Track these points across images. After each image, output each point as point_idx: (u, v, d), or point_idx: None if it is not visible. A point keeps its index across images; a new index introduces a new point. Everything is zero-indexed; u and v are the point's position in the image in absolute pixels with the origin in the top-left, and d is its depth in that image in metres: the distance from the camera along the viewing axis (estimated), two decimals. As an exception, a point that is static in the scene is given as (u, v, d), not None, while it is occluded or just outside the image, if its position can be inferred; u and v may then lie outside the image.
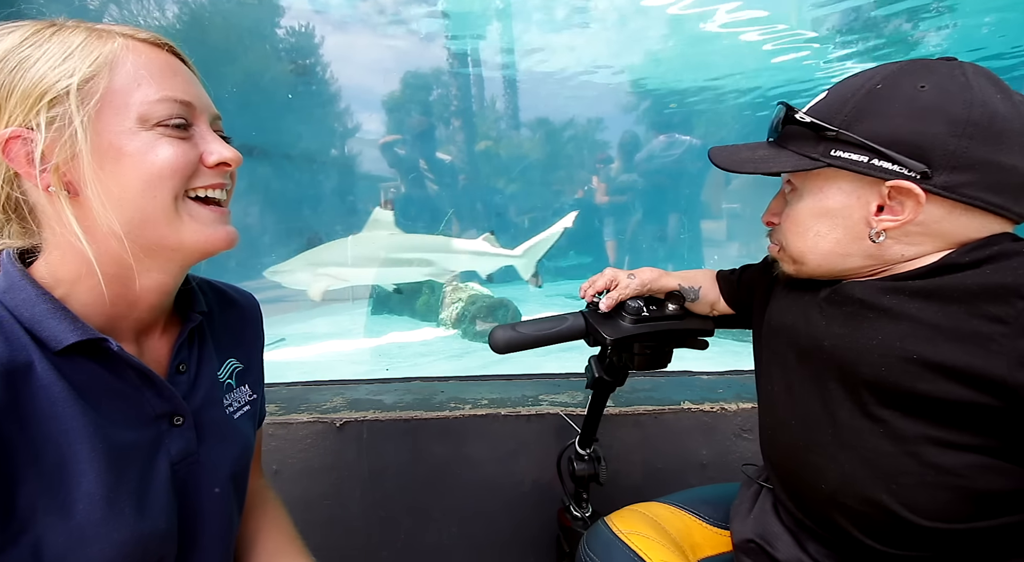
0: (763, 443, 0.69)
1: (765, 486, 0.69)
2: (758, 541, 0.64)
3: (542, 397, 1.42)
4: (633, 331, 0.75)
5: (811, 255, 0.58)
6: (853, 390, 0.54)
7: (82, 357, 0.45)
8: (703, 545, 0.72)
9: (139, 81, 0.45)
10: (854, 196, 0.54)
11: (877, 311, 0.52)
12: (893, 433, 0.50)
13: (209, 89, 0.53)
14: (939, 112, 0.49)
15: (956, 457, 0.48)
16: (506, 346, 0.75)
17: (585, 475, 1.01)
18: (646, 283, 0.79)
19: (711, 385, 1.50)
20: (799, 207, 0.58)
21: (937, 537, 0.50)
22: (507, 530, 1.36)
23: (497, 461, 1.34)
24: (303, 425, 1.31)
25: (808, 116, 0.55)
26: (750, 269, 0.81)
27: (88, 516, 0.42)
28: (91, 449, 0.43)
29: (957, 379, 0.46)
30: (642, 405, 1.34)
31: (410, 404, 1.38)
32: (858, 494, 0.53)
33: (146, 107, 0.45)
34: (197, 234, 0.48)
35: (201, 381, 0.56)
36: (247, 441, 0.60)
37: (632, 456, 1.34)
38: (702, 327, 0.81)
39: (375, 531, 1.35)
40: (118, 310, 0.49)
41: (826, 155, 0.54)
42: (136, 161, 0.44)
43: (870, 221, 0.53)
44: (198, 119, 0.49)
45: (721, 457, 1.34)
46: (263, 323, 0.70)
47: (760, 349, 0.71)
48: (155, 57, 0.47)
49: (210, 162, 0.48)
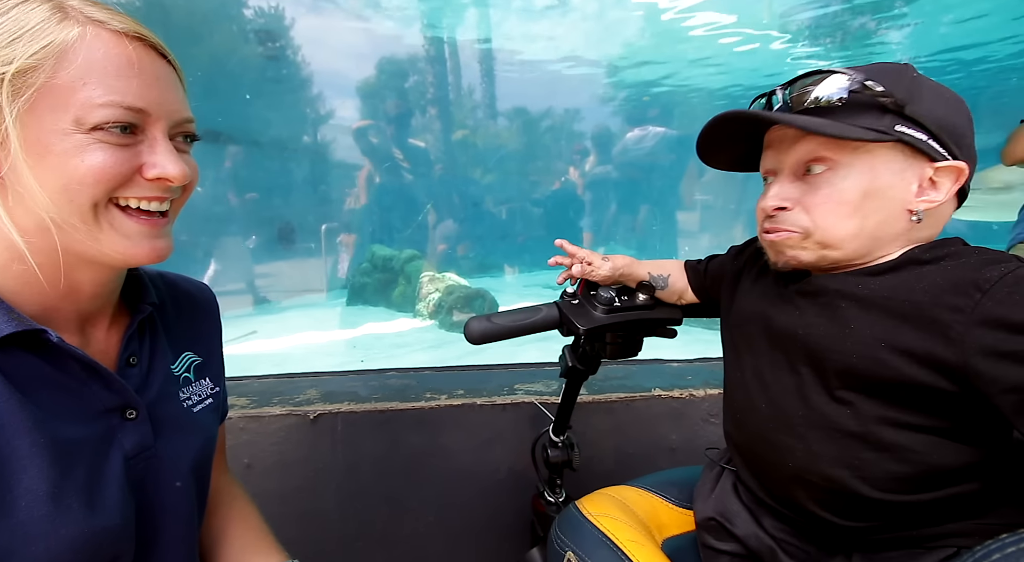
0: (729, 426, 0.71)
1: (727, 468, 0.73)
2: (718, 519, 0.67)
3: (517, 386, 1.43)
4: (605, 321, 0.77)
5: (850, 238, 0.56)
6: (824, 375, 0.57)
7: (19, 349, 0.43)
8: (669, 525, 0.75)
9: (86, 80, 0.41)
10: (900, 176, 0.54)
11: (850, 301, 0.55)
12: (858, 414, 0.54)
13: (188, 89, 0.49)
14: (960, 107, 0.55)
15: (912, 436, 0.52)
16: (481, 337, 0.76)
17: (559, 461, 1.04)
18: (618, 268, 0.80)
19: (681, 372, 1.54)
20: (844, 186, 0.54)
21: (888, 508, 0.54)
22: (483, 517, 1.38)
23: (473, 450, 1.36)
24: (276, 418, 1.30)
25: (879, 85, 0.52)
26: (716, 259, 0.83)
27: (31, 513, 0.40)
28: (31, 444, 0.41)
29: (919, 363, 0.50)
30: (614, 392, 1.38)
31: (385, 395, 1.38)
32: (821, 471, 0.56)
33: (85, 110, 0.41)
34: (116, 246, 0.45)
35: (155, 374, 0.54)
36: (209, 435, 0.59)
37: (604, 442, 1.37)
38: (671, 316, 0.83)
39: (351, 523, 1.35)
40: (55, 301, 0.46)
41: (892, 129, 0.52)
42: (59, 163, 0.41)
43: (910, 202, 0.54)
44: (152, 126, 0.45)
45: (689, 441, 1.39)
46: (220, 315, 0.67)
47: (729, 336, 0.73)
48: (118, 53, 0.42)
49: (149, 175, 0.45)
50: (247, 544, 0.65)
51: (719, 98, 9.28)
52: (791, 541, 0.62)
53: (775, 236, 0.61)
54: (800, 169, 0.58)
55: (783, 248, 0.60)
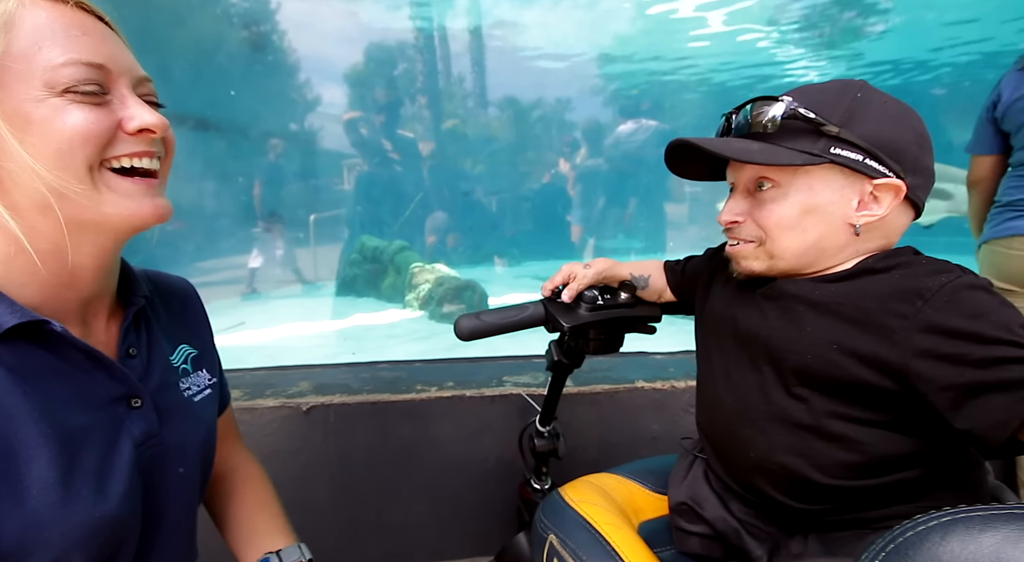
0: (700, 418, 0.76)
1: (699, 456, 0.78)
2: (690, 503, 0.72)
3: (505, 378, 1.48)
4: (589, 319, 0.81)
5: (793, 250, 0.60)
6: (782, 373, 0.61)
7: (23, 342, 0.44)
8: (645, 509, 0.80)
9: (40, 44, 0.41)
10: (839, 193, 0.58)
11: (807, 305, 0.60)
12: (811, 409, 0.58)
13: (136, 51, 0.49)
14: (906, 123, 0.57)
15: (859, 428, 0.56)
16: (470, 334, 0.80)
17: (545, 451, 1.07)
18: (601, 272, 0.84)
19: (663, 364, 1.60)
20: (786, 204, 0.59)
21: (839, 493, 0.59)
22: (472, 505, 1.43)
23: (462, 440, 1.40)
24: (269, 410, 1.32)
25: (811, 112, 0.56)
26: (693, 261, 0.87)
27: (42, 500, 0.42)
28: (39, 434, 0.42)
29: (866, 364, 0.54)
30: (599, 384, 1.42)
31: (376, 387, 1.41)
32: (779, 460, 0.61)
33: (50, 73, 0.41)
34: (118, 207, 0.45)
35: (154, 365, 0.56)
36: (210, 424, 0.61)
37: (589, 432, 1.42)
38: (651, 314, 0.87)
39: (344, 511, 1.39)
40: (57, 290, 0.47)
41: (826, 152, 0.56)
42: (44, 129, 0.41)
43: (850, 217, 0.58)
44: (115, 83, 0.45)
45: (670, 431, 1.45)
46: (204, 307, 0.69)
47: (701, 335, 0.78)
48: (59, 15, 0.43)
49: (130, 128, 0.45)
50: (258, 524, 0.68)
51: (715, 91, 9.32)
52: (755, 523, 0.67)
53: (731, 248, 0.67)
54: (752, 186, 0.63)
55: (739, 258, 0.66)
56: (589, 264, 0.84)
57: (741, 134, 0.62)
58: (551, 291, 0.85)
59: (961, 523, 0.31)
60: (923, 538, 0.31)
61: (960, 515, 0.31)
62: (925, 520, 0.32)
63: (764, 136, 0.60)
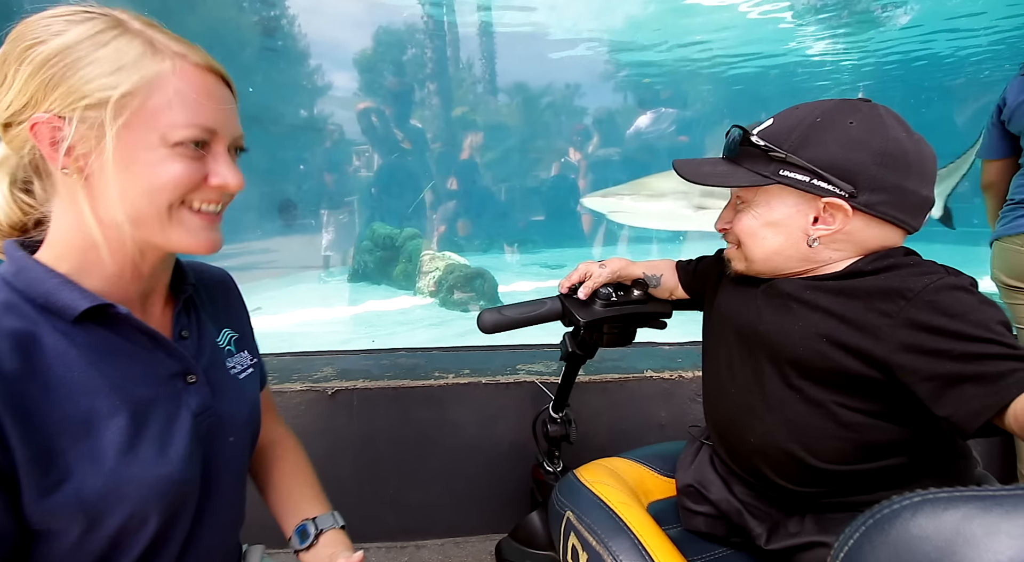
0: (706, 407, 0.82)
1: (705, 443, 0.84)
2: (696, 486, 0.78)
3: (519, 366, 1.54)
4: (603, 314, 0.86)
5: (758, 256, 0.68)
6: (779, 365, 0.66)
7: (93, 324, 0.50)
8: (653, 491, 0.86)
9: (173, 105, 0.48)
10: (795, 209, 0.64)
11: (800, 303, 0.65)
12: (807, 398, 0.64)
13: (247, 102, 0.56)
14: (865, 145, 0.60)
15: (851, 416, 0.61)
16: (493, 327, 0.86)
17: (557, 436, 1.13)
18: (616, 271, 0.89)
19: (671, 355, 1.65)
20: (749, 217, 0.68)
21: (832, 477, 0.64)
22: (487, 485, 1.50)
23: (478, 425, 1.47)
24: (297, 393, 1.40)
25: (762, 140, 0.64)
26: (704, 261, 0.92)
27: (117, 460, 0.48)
28: (111, 405, 0.49)
29: (854, 356, 0.59)
30: (609, 373, 1.48)
31: (397, 373, 1.48)
32: (777, 446, 0.67)
33: (171, 130, 0.48)
34: (183, 239, 0.52)
35: (204, 346, 0.62)
36: (254, 399, 0.68)
37: (599, 418, 1.49)
38: (662, 310, 0.92)
39: (366, 489, 1.47)
40: (121, 282, 0.53)
41: (775, 174, 0.63)
42: (144, 170, 0.48)
43: (807, 230, 0.64)
44: (217, 142, 0.52)
45: (678, 419, 1.50)
46: (241, 295, 0.76)
47: (708, 330, 0.83)
48: (198, 82, 0.50)
49: (213, 183, 0.52)
50: (296, 492, 0.75)
51: (726, 78, 9.17)
52: (756, 505, 0.73)
53: (727, 249, 0.75)
54: (735, 200, 0.72)
55: (728, 258, 0.75)
56: (604, 263, 0.89)
57: (726, 154, 0.71)
58: (568, 288, 0.90)
59: (929, 503, 0.36)
60: (897, 515, 0.37)
61: (929, 496, 0.36)
62: (899, 500, 0.38)
63: (733, 158, 0.69)
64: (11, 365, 0.45)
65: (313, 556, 0.69)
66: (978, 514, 0.34)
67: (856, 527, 0.39)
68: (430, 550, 1.50)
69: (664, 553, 0.65)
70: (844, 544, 0.39)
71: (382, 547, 1.50)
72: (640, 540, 0.67)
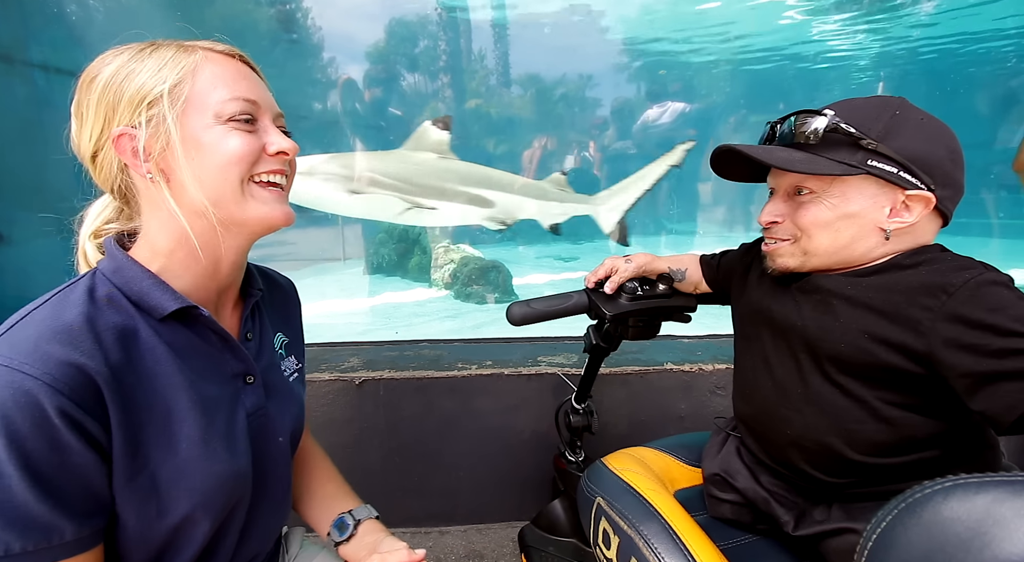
0: (737, 400, 0.83)
1: (732, 434, 0.86)
2: (722, 475, 0.80)
3: (541, 358, 1.57)
4: (629, 308, 0.88)
5: (826, 247, 0.66)
6: (819, 360, 0.67)
7: (177, 323, 0.54)
8: (679, 479, 0.89)
9: (215, 85, 0.53)
10: (872, 201, 0.63)
11: (841, 299, 0.65)
12: (848, 393, 0.64)
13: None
14: (939, 140, 0.62)
15: (892, 410, 0.62)
16: (522, 319, 0.88)
17: (580, 426, 1.16)
18: (641, 266, 0.91)
19: (691, 348, 1.67)
20: (822, 208, 0.65)
21: (867, 469, 0.65)
22: (509, 474, 1.54)
23: (500, 414, 1.51)
24: (325, 383, 1.45)
25: (852, 128, 0.62)
26: (728, 255, 0.93)
27: (189, 453, 0.52)
28: (188, 400, 0.53)
29: (895, 351, 0.60)
30: (630, 366, 1.50)
31: (421, 364, 1.52)
32: (815, 438, 0.68)
33: (220, 106, 0.53)
34: (259, 211, 0.56)
35: (264, 348, 0.66)
36: (301, 401, 0.71)
37: (620, 410, 1.51)
38: (687, 304, 0.94)
39: (392, 475, 1.52)
40: (203, 280, 0.58)
41: (863, 164, 0.61)
42: (212, 150, 0.52)
43: (882, 222, 0.63)
44: (263, 116, 0.57)
45: (697, 411, 1.52)
46: (301, 303, 0.80)
47: (740, 325, 0.84)
48: (228, 65, 0.55)
49: (271, 151, 0.56)
50: (331, 493, 0.79)
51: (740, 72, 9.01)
52: (783, 493, 0.75)
53: (767, 246, 0.73)
54: (791, 191, 0.69)
55: (774, 256, 0.72)
56: (629, 258, 0.91)
57: (784, 143, 0.68)
58: (594, 282, 0.92)
59: (960, 487, 0.38)
60: (928, 499, 0.39)
61: (960, 481, 0.38)
62: (931, 485, 0.40)
63: (806, 146, 0.65)
64: (115, 356, 0.49)
65: (355, 546, 0.73)
66: (1008, 497, 0.36)
67: (889, 511, 0.41)
68: (453, 536, 1.55)
69: (694, 537, 0.68)
70: (877, 527, 0.41)
71: (407, 532, 1.55)
72: (671, 525, 0.69)
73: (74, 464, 0.45)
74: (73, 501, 0.46)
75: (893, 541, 0.39)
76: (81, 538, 0.46)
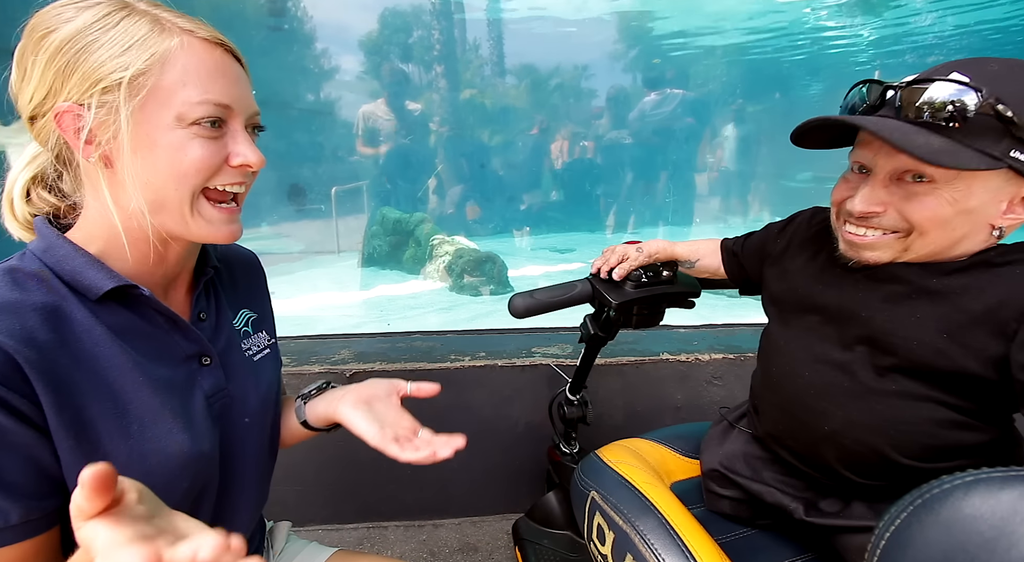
0: (764, 386, 0.77)
1: (739, 427, 0.83)
2: (722, 469, 0.78)
3: (534, 349, 1.54)
4: (634, 295, 0.85)
5: (937, 245, 0.58)
6: (878, 355, 0.61)
7: (116, 304, 0.51)
8: (675, 471, 0.86)
9: (185, 81, 0.47)
10: (993, 195, 0.54)
11: (923, 293, 0.59)
12: (904, 393, 0.59)
13: (254, 85, 0.55)
14: None
15: (946, 413, 0.57)
16: (524, 311, 0.85)
17: (574, 417, 1.14)
18: (653, 254, 0.87)
19: (687, 337, 1.64)
20: (942, 202, 0.55)
21: (906, 472, 0.61)
22: (503, 466, 1.52)
23: (494, 406, 1.48)
24: (316, 376, 1.41)
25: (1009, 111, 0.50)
26: (754, 238, 0.88)
27: (141, 435, 0.49)
28: (134, 381, 0.50)
29: (975, 356, 0.54)
30: (625, 356, 1.48)
31: (413, 356, 1.49)
32: (856, 436, 0.62)
33: (186, 107, 0.47)
34: (203, 230, 0.53)
35: (221, 328, 0.63)
36: (270, 380, 0.68)
37: (615, 401, 1.49)
38: (690, 290, 0.91)
39: (384, 468, 1.49)
40: (147, 266, 0.54)
41: (1006, 155, 0.51)
42: (167, 155, 0.48)
43: (996, 219, 0.56)
44: (233, 120, 0.52)
45: (693, 401, 1.50)
46: (266, 276, 0.76)
47: (776, 310, 0.77)
48: (207, 57, 0.49)
49: (233, 163, 0.52)
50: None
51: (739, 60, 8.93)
52: (789, 489, 0.72)
53: (858, 237, 0.62)
54: (899, 176, 0.58)
55: (866, 248, 0.62)
56: (641, 246, 0.87)
57: (904, 117, 0.55)
58: (606, 271, 0.87)
59: (983, 482, 0.35)
60: (948, 495, 0.36)
61: (982, 476, 0.35)
62: (950, 479, 0.37)
63: (939, 127, 0.53)
64: (43, 336, 0.46)
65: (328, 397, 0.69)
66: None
67: (903, 507, 0.38)
68: (447, 529, 1.53)
69: (691, 532, 0.65)
70: (890, 524, 0.38)
71: (400, 526, 1.53)
72: (667, 519, 0.67)
73: (11, 443, 0.43)
74: (16, 481, 0.43)
75: (909, 539, 0.36)
76: (29, 521, 0.44)
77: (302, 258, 6.24)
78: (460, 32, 8.18)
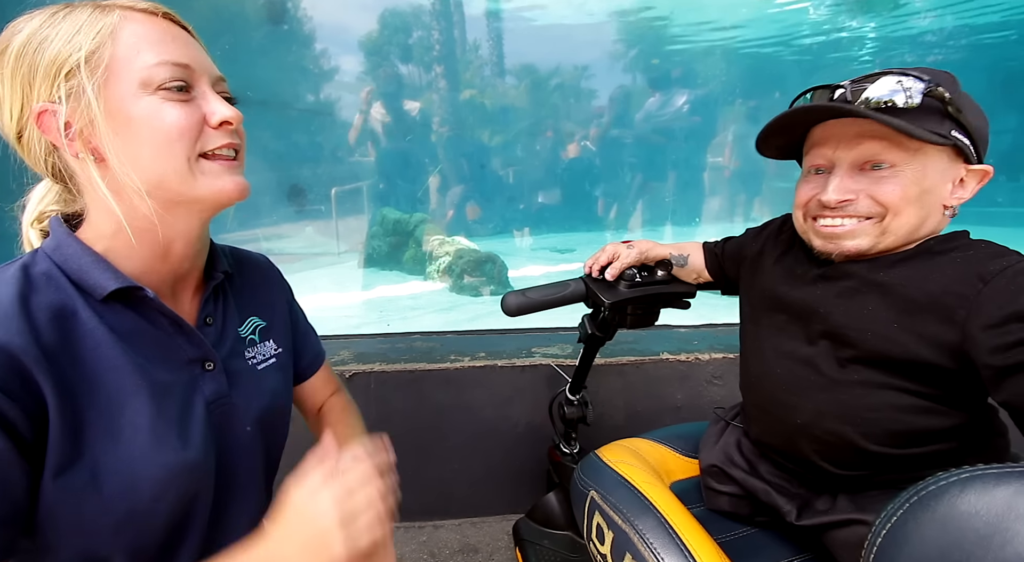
0: (743, 385, 0.80)
1: (733, 424, 0.83)
2: (720, 466, 0.78)
3: (534, 349, 1.54)
4: (628, 295, 0.85)
5: (911, 225, 0.61)
6: (839, 348, 0.64)
7: (121, 305, 0.51)
8: (675, 471, 0.87)
9: (138, 48, 0.48)
10: (942, 175, 0.60)
11: (871, 286, 0.62)
12: (866, 382, 0.62)
13: (212, 53, 0.55)
14: (984, 118, 0.61)
15: (910, 400, 0.60)
16: (517, 309, 0.85)
17: (574, 417, 1.14)
18: (643, 252, 0.88)
19: (687, 337, 1.64)
20: (907, 183, 0.60)
21: (879, 460, 0.63)
22: (503, 466, 1.52)
23: (494, 406, 1.48)
24: (315, 376, 1.42)
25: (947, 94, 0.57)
26: (732, 241, 0.90)
27: (134, 441, 0.49)
28: (134, 384, 0.49)
29: (926, 342, 0.57)
30: (625, 356, 1.48)
31: (413, 357, 1.49)
32: (826, 426, 0.65)
33: (146, 72, 0.48)
34: (209, 187, 0.52)
35: (227, 333, 0.62)
36: (274, 390, 0.67)
37: (615, 401, 1.49)
38: (686, 290, 0.91)
39: (384, 468, 1.50)
40: (153, 264, 0.54)
41: (949, 134, 0.58)
42: (144, 125, 0.48)
43: (946, 199, 0.61)
44: (198, 81, 0.51)
45: (693, 401, 1.51)
46: (283, 280, 0.76)
47: (750, 310, 0.81)
48: (152, 25, 0.50)
49: (212, 122, 0.51)
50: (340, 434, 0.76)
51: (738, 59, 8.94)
52: (784, 484, 0.73)
53: (835, 229, 0.65)
54: (863, 165, 0.62)
55: (844, 237, 0.64)
56: (631, 244, 0.88)
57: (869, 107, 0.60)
58: (597, 270, 0.88)
59: (978, 479, 0.35)
60: (944, 491, 0.36)
61: (977, 472, 0.36)
62: (946, 476, 0.37)
63: (893, 111, 0.58)
64: (49, 337, 0.46)
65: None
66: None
67: (899, 504, 0.38)
68: (448, 530, 1.53)
69: (690, 531, 0.65)
70: (887, 521, 0.38)
71: (400, 527, 1.53)
72: (666, 519, 0.67)
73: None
74: None
75: (905, 536, 0.36)
76: None
77: (302, 259, 6.24)
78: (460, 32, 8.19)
